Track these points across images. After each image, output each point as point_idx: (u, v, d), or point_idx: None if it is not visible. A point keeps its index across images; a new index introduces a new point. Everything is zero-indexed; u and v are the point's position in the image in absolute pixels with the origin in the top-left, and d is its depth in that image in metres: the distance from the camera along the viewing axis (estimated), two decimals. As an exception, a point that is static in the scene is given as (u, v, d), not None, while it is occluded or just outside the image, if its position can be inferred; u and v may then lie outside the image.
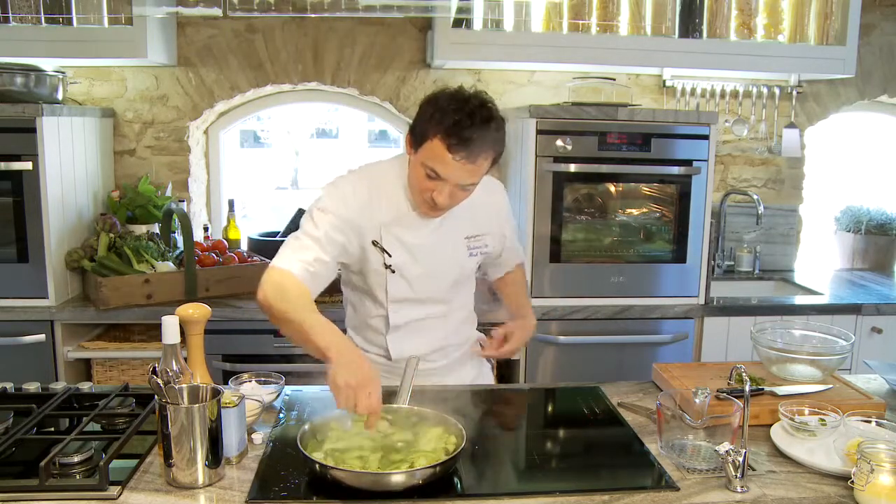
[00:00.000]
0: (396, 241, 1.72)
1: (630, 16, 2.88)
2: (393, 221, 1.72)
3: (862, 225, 3.47)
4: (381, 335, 1.85)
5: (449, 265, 1.80)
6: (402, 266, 1.73)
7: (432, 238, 1.75)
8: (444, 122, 1.52)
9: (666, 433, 1.46)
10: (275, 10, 2.54)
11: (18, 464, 1.38)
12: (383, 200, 1.72)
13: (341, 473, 1.28)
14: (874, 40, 3.36)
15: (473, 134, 1.52)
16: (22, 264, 2.56)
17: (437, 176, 1.56)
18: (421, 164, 1.59)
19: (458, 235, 1.79)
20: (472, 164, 1.55)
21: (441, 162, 1.54)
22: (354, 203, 1.69)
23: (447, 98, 1.57)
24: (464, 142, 1.51)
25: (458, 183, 1.58)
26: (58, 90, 2.78)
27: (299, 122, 10.50)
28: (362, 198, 1.70)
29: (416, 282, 1.76)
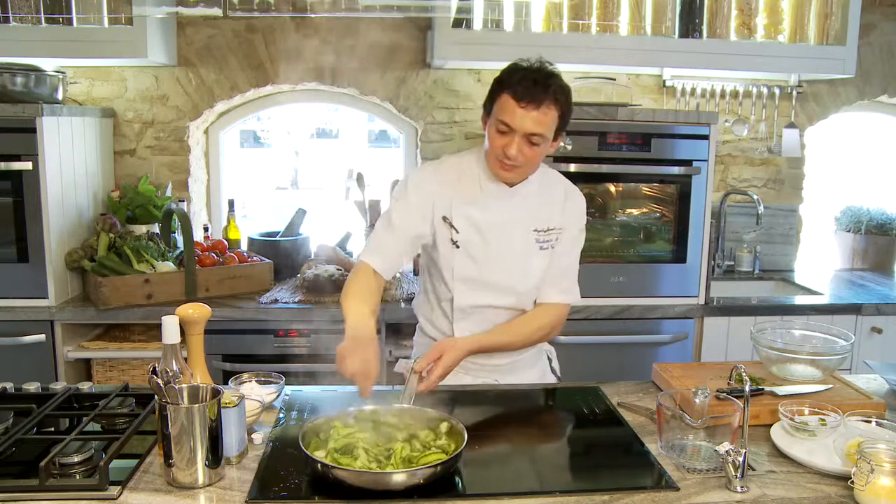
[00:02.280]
0: (465, 218, 1.80)
1: (630, 16, 2.88)
2: (465, 200, 1.81)
3: (862, 225, 3.47)
4: (448, 321, 1.89)
5: (517, 252, 1.83)
6: (468, 243, 1.80)
7: (501, 219, 1.81)
8: (510, 78, 1.69)
9: (666, 433, 1.46)
10: (275, 10, 2.54)
11: (18, 464, 1.38)
12: (458, 182, 1.83)
13: (342, 473, 1.28)
14: (874, 40, 3.36)
15: (535, 83, 1.66)
16: (22, 264, 2.56)
17: (508, 128, 1.68)
18: (493, 123, 1.72)
19: (527, 224, 1.84)
20: (536, 110, 1.66)
21: (510, 113, 1.67)
22: (423, 186, 1.82)
23: (511, 64, 1.74)
24: (527, 90, 1.65)
25: (525, 132, 1.67)
26: (58, 90, 2.78)
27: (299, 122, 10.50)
28: (432, 181, 1.83)
29: (481, 261, 1.81)
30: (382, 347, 2.69)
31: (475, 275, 1.82)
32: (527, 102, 1.66)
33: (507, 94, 1.68)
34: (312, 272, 2.76)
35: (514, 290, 1.85)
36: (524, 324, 1.86)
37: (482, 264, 1.81)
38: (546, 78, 1.69)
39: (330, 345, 2.66)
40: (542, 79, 1.68)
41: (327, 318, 2.61)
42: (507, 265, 1.83)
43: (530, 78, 1.67)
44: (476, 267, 1.81)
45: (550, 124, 1.70)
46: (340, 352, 1.54)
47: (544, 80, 1.68)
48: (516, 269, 1.83)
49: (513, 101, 1.66)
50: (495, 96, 1.72)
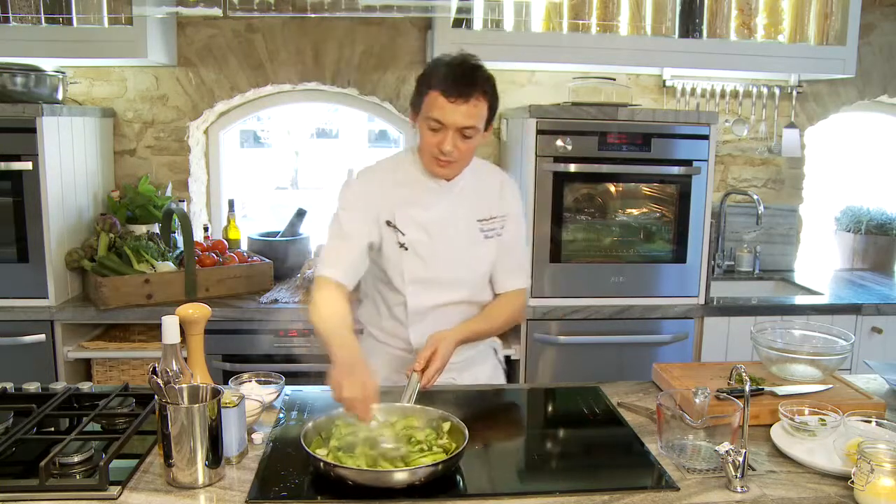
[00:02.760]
0: (410, 219, 1.80)
1: (630, 16, 2.88)
2: (406, 201, 1.81)
3: (862, 225, 3.47)
4: (403, 326, 1.87)
5: (463, 245, 1.84)
6: (415, 244, 1.80)
7: (445, 215, 1.82)
8: (436, 76, 1.69)
9: (666, 433, 1.46)
10: (275, 10, 2.54)
11: (18, 464, 1.38)
12: (396, 184, 1.82)
13: (344, 470, 1.28)
14: (874, 40, 3.36)
15: (462, 76, 1.67)
16: (22, 264, 2.56)
17: (440, 124, 1.68)
18: (424, 122, 1.72)
19: (470, 216, 1.85)
20: (466, 104, 1.67)
21: (440, 109, 1.67)
22: (365, 193, 1.81)
23: (433, 61, 1.75)
24: (454, 85, 1.66)
25: (458, 126, 1.68)
26: (58, 90, 2.78)
27: (299, 122, 10.49)
28: (372, 187, 1.82)
29: (430, 260, 1.81)
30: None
31: (426, 275, 1.81)
32: (456, 97, 1.66)
33: (436, 92, 1.67)
34: (312, 272, 2.76)
35: (466, 284, 1.86)
36: (498, 311, 1.89)
37: (432, 263, 1.81)
38: (472, 71, 1.70)
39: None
40: (468, 72, 1.69)
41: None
42: (456, 260, 1.83)
43: (456, 73, 1.67)
44: (426, 266, 1.81)
45: (481, 116, 1.71)
46: (336, 379, 1.48)
47: (470, 73, 1.69)
48: (465, 262, 1.85)
49: (442, 98, 1.66)
50: (423, 95, 1.71)
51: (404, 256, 1.80)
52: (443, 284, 1.83)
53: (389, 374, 1.90)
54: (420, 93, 1.73)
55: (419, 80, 1.75)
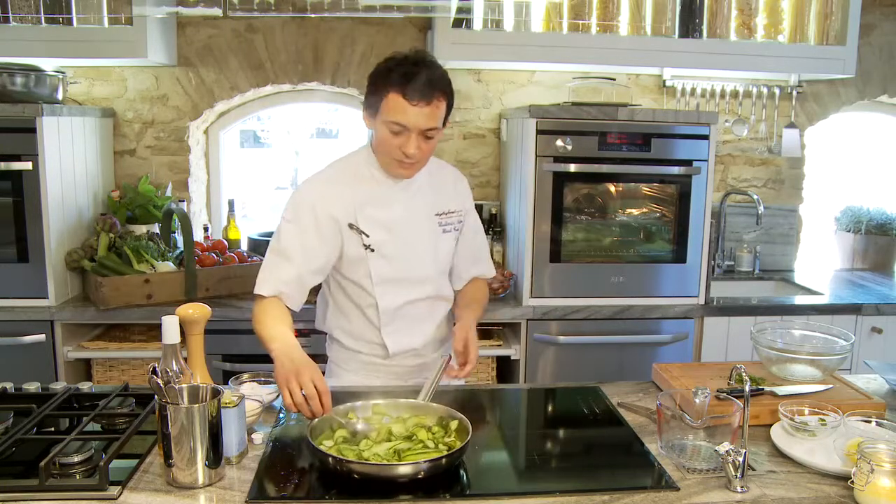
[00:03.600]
0: (371, 220, 1.78)
1: (630, 16, 2.88)
2: (366, 202, 1.78)
3: (862, 225, 3.47)
4: (374, 327, 1.86)
5: (425, 241, 1.84)
6: (380, 244, 1.78)
7: (406, 212, 1.81)
8: (393, 78, 1.63)
9: (666, 433, 1.46)
10: (275, 10, 2.54)
11: (18, 464, 1.38)
12: (354, 186, 1.79)
13: (347, 463, 1.29)
14: (874, 40, 3.36)
15: (422, 78, 1.63)
16: (22, 264, 2.56)
17: (402, 127, 1.65)
18: (383, 124, 1.67)
19: (428, 211, 1.85)
20: (428, 105, 1.64)
21: (402, 112, 1.63)
22: (319, 202, 1.76)
23: (386, 62, 1.69)
24: (416, 88, 1.62)
25: (421, 129, 1.66)
26: (58, 90, 2.78)
27: (299, 122, 10.49)
28: (328, 192, 1.78)
29: (396, 259, 1.80)
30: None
31: (394, 274, 1.81)
32: (418, 100, 1.63)
33: (396, 94, 1.63)
34: (312, 272, 2.76)
35: (431, 279, 1.87)
36: (482, 293, 2.00)
37: (397, 261, 1.80)
38: (430, 72, 1.66)
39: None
40: (426, 73, 1.64)
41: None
42: (420, 256, 1.84)
43: (414, 74, 1.63)
44: (392, 265, 1.80)
45: (441, 116, 1.70)
46: (284, 377, 1.49)
47: (429, 74, 1.65)
48: (429, 258, 1.86)
49: (403, 101, 1.63)
50: (380, 96, 1.66)
51: (370, 258, 1.78)
52: (411, 281, 1.83)
53: (361, 380, 1.91)
54: (377, 94, 1.67)
55: (374, 80, 1.69)
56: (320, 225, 1.76)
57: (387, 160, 1.74)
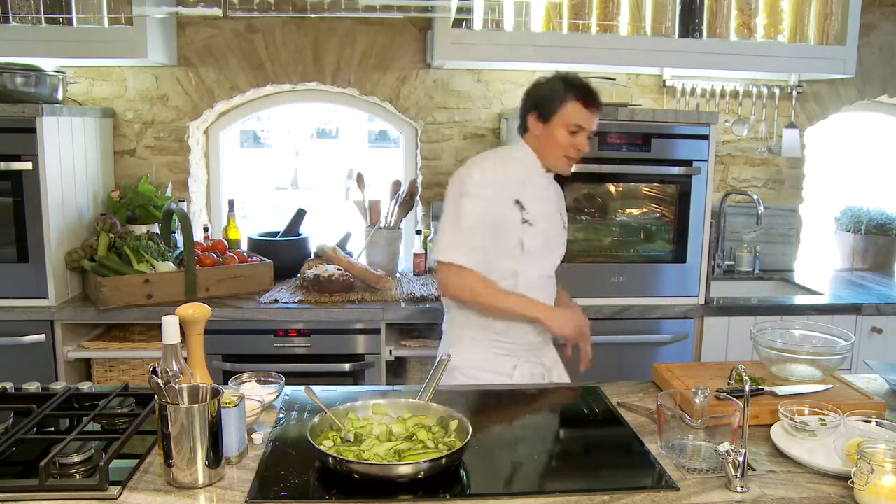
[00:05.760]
0: (532, 198, 2.03)
1: (630, 16, 2.88)
2: (530, 183, 2.04)
3: (862, 225, 3.47)
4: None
5: (556, 230, 2.13)
6: (537, 220, 2.02)
7: (550, 204, 2.11)
8: (573, 91, 1.99)
9: (666, 433, 1.46)
10: (275, 10, 2.54)
11: (18, 464, 1.38)
12: (517, 168, 2.05)
13: (348, 463, 1.29)
14: (874, 40, 3.36)
15: (593, 91, 2.02)
16: (22, 264, 2.56)
17: (580, 128, 2.00)
18: (562, 127, 2.00)
19: (558, 207, 2.17)
20: (598, 110, 2.03)
21: (582, 116, 2.00)
22: (493, 178, 1.99)
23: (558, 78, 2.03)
24: (593, 96, 2.01)
25: (592, 129, 2.03)
26: (58, 90, 2.78)
27: (299, 122, 10.49)
28: (498, 171, 2.02)
29: (545, 236, 2.06)
30: (381, 347, 2.69)
31: (541, 248, 2.05)
32: (593, 106, 2.00)
33: (577, 102, 1.98)
34: (312, 272, 2.76)
35: (556, 261, 2.15)
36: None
37: (545, 238, 2.06)
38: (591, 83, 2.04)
39: (330, 345, 2.68)
40: (591, 85, 2.03)
41: (327, 318, 2.61)
42: (554, 239, 2.12)
43: (588, 85, 2.01)
44: (543, 240, 2.05)
45: None
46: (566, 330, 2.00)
47: (592, 85, 2.03)
48: (557, 244, 2.14)
49: (583, 107, 1.98)
50: (560, 104, 1.98)
51: (527, 230, 2.00)
52: (546, 259, 2.10)
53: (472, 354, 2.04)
54: (554, 101, 1.99)
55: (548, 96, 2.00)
56: (493, 199, 1.97)
57: (557, 157, 2.04)
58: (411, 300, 2.72)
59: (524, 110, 2.07)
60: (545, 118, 2.02)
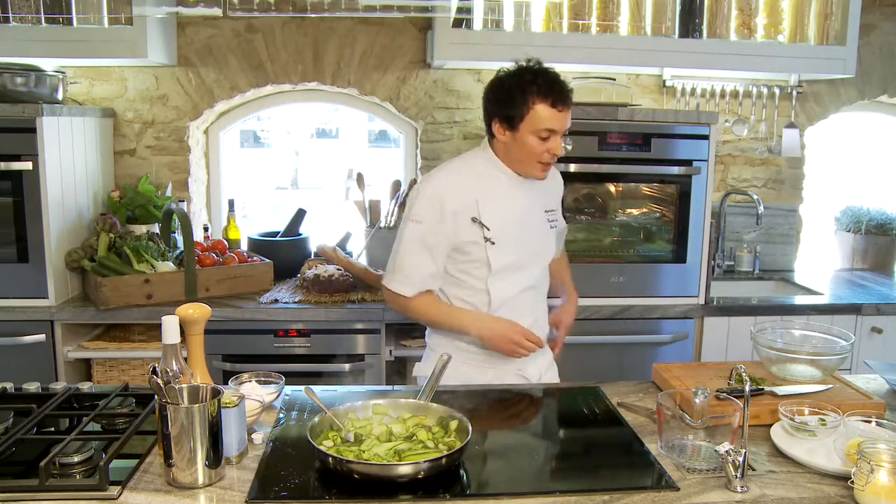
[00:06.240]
0: (493, 213, 1.88)
1: (630, 16, 2.88)
2: (488, 196, 1.88)
3: (862, 225, 3.47)
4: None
5: (538, 235, 1.97)
6: (500, 236, 1.88)
7: (524, 206, 1.93)
8: (536, 90, 1.79)
9: (666, 433, 1.46)
10: (275, 10, 2.54)
11: (18, 464, 1.38)
12: (476, 182, 1.89)
13: (347, 464, 1.29)
14: (874, 40, 3.36)
15: (559, 84, 1.81)
16: (22, 264, 2.56)
17: (551, 132, 1.82)
18: (530, 134, 1.82)
19: (539, 207, 1.98)
20: (568, 108, 1.84)
21: (550, 119, 1.80)
22: (445, 197, 1.85)
23: (516, 74, 1.82)
24: (560, 94, 1.80)
25: (564, 131, 1.85)
26: (58, 90, 2.78)
27: (299, 122, 10.50)
28: (451, 189, 1.87)
29: (513, 251, 1.90)
30: (381, 347, 2.69)
31: (509, 265, 1.90)
32: (563, 106, 1.81)
33: (543, 104, 1.79)
34: (312, 272, 2.76)
35: (538, 272, 1.99)
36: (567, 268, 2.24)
37: (514, 253, 1.90)
38: (558, 76, 1.83)
39: (330, 345, 2.68)
40: (559, 78, 1.82)
41: (327, 318, 2.61)
42: (532, 248, 1.96)
43: (553, 81, 1.80)
44: (509, 257, 1.89)
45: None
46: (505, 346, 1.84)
47: (559, 78, 1.82)
48: (539, 250, 1.99)
49: (552, 109, 1.79)
50: (525, 107, 1.79)
51: (490, 250, 1.87)
52: (522, 272, 1.94)
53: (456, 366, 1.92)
54: (518, 106, 1.80)
55: (509, 94, 1.80)
56: (445, 219, 1.85)
57: (529, 164, 1.87)
58: (411, 300, 2.71)
59: (488, 116, 1.89)
60: (511, 125, 1.83)
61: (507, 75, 1.84)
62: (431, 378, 1.64)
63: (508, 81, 1.82)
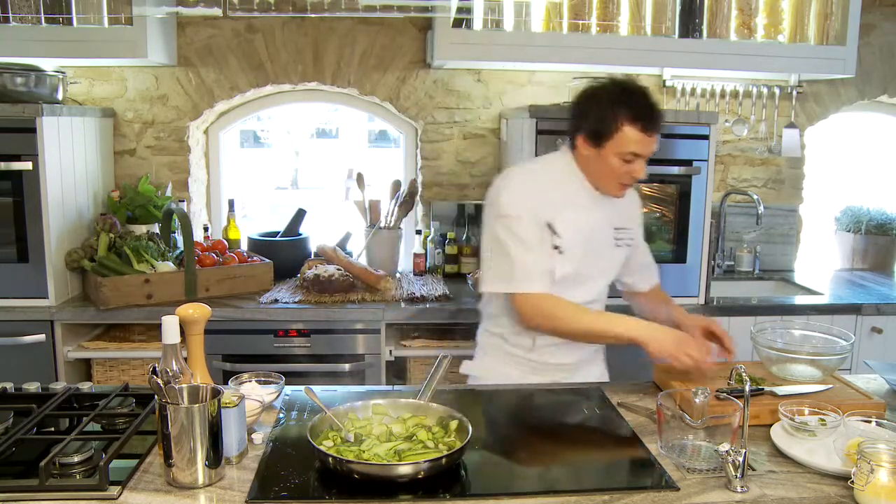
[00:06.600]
0: (569, 223, 1.83)
1: (630, 16, 2.88)
2: (565, 204, 1.84)
3: (862, 225, 3.47)
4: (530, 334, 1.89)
5: (605, 250, 1.93)
6: (569, 246, 1.83)
7: (597, 220, 1.89)
8: (628, 112, 1.74)
9: (666, 433, 1.46)
10: (275, 10, 2.54)
11: (18, 464, 1.38)
12: (553, 187, 1.85)
13: (347, 464, 1.29)
14: (874, 40, 3.36)
15: (654, 111, 1.77)
16: (22, 264, 2.56)
17: (636, 156, 1.78)
18: (615, 155, 1.77)
19: (609, 222, 1.93)
20: (658, 134, 1.79)
21: (638, 143, 1.76)
22: (527, 194, 1.82)
23: (609, 91, 1.78)
24: (652, 120, 1.76)
25: (650, 155, 1.81)
26: (58, 90, 2.78)
27: (299, 122, 10.50)
28: (531, 188, 1.84)
29: (579, 263, 1.85)
30: (381, 347, 2.69)
31: (573, 276, 1.85)
32: (652, 131, 1.77)
33: (633, 127, 1.74)
34: (312, 272, 2.76)
35: (600, 287, 1.96)
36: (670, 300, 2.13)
37: (579, 265, 1.85)
38: (653, 100, 1.79)
39: (330, 345, 2.68)
40: (653, 103, 1.78)
41: (327, 318, 2.61)
42: (598, 263, 1.91)
43: (648, 107, 1.76)
44: (574, 269, 1.84)
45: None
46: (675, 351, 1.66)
47: (653, 102, 1.78)
48: (604, 266, 1.95)
49: (640, 133, 1.75)
50: (614, 128, 1.75)
51: (557, 259, 1.82)
52: (583, 286, 1.89)
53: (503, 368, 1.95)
54: (608, 125, 1.75)
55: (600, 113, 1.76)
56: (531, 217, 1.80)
57: (610, 183, 1.83)
58: (411, 300, 2.72)
59: (573, 128, 1.83)
60: (597, 143, 1.78)
61: (599, 90, 1.80)
62: (431, 378, 1.64)
63: (599, 97, 1.78)
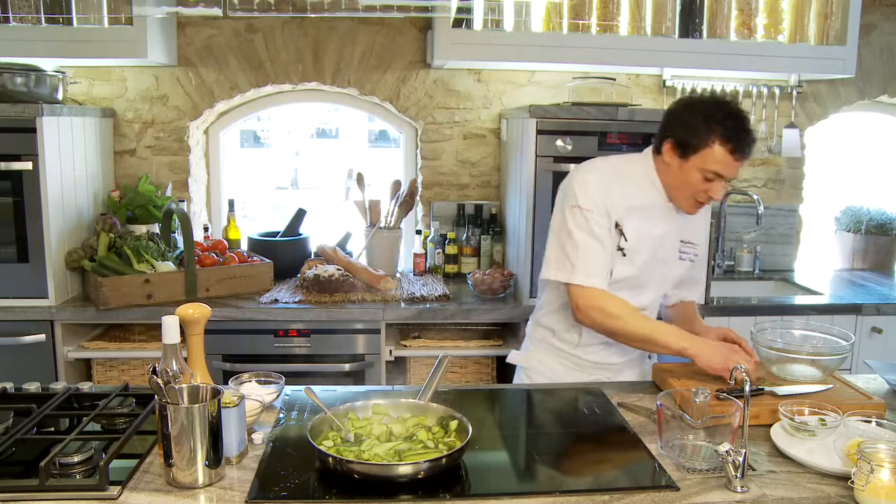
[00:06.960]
0: (637, 228, 1.83)
1: (630, 16, 2.88)
2: (637, 210, 1.83)
3: (862, 225, 3.47)
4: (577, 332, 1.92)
5: (666, 262, 1.92)
6: (633, 251, 1.83)
7: (664, 231, 1.88)
8: (723, 131, 1.72)
9: (666, 433, 1.46)
10: (275, 10, 2.54)
11: (18, 464, 1.38)
12: (629, 189, 1.84)
13: (347, 464, 1.29)
14: (874, 40, 3.36)
15: (748, 136, 1.74)
16: (22, 264, 2.56)
17: (718, 176, 1.76)
18: (697, 170, 1.76)
19: (676, 235, 1.92)
20: (746, 159, 1.77)
21: (723, 164, 1.74)
22: (604, 190, 1.81)
23: (710, 106, 1.76)
24: (743, 143, 1.73)
25: (731, 178, 1.80)
26: (58, 90, 2.78)
27: (299, 122, 10.51)
28: (608, 185, 1.82)
29: (638, 269, 1.86)
30: (381, 347, 2.69)
31: (630, 280, 1.85)
32: (740, 156, 1.74)
33: (723, 147, 1.72)
34: (312, 272, 2.76)
35: (653, 296, 1.95)
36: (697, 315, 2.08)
37: (638, 271, 1.85)
38: (748, 124, 1.75)
39: (330, 344, 2.68)
40: (748, 129, 1.74)
41: (327, 318, 2.61)
42: (655, 273, 1.91)
43: (744, 132, 1.73)
44: (633, 273, 1.85)
45: None
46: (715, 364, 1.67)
47: (749, 128, 1.75)
48: (662, 276, 1.94)
49: (729, 156, 1.73)
50: (704, 143, 1.73)
51: (618, 260, 1.82)
52: (639, 291, 1.89)
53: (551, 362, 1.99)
54: (699, 139, 1.74)
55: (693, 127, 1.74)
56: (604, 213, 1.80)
57: (683, 197, 1.82)
58: (411, 300, 2.72)
59: (663, 131, 1.82)
60: (683, 153, 1.76)
61: (699, 102, 1.79)
62: (431, 378, 1.64)
63: (698, 110, 1.76)
